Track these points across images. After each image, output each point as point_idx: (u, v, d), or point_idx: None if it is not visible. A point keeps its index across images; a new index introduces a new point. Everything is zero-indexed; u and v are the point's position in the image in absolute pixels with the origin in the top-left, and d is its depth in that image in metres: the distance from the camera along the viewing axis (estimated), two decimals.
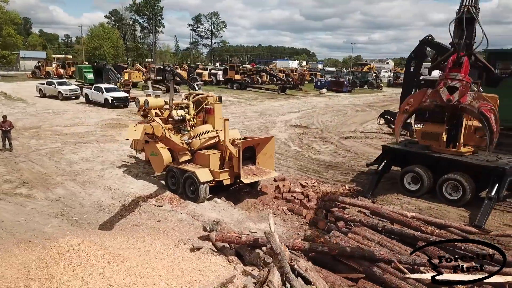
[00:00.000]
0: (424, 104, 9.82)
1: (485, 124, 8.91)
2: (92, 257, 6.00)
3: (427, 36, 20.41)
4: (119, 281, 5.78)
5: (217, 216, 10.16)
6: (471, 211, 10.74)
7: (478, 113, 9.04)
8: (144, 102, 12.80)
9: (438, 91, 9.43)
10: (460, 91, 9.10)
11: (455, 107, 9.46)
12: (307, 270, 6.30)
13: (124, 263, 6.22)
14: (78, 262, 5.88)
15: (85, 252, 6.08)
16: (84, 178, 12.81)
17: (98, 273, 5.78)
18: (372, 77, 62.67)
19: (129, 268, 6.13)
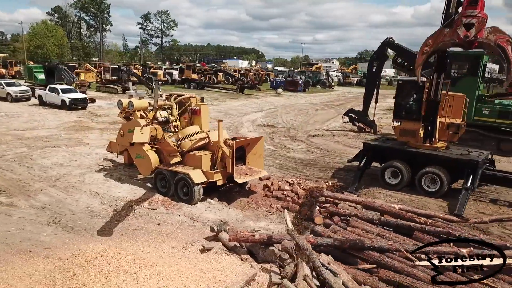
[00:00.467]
0: (442, 44, 10.29)
1: (503, 55, 9.37)
2: (123, 262, 5.92)
3: (387, 38, 21.71)
4: (153, 285, 5.77)
5: (214, 217, 10.24)
6: (449, 201, 11.63)
7: (495, 46, 9.49)
8: (128, 104, 12.50)
9: (455, 30, 9.89)
10: (476, 26, 9.54)
11: (472, 43, 9.82)
12: (329, 263, 6.62)
13: (155, 267, 6.19)
14: (110, 268, 5.78)
15: (115, 258, 5.98)
16: (65, 183, 12.30)
17: (132, 278, 5.72)
18: (324, 77, 64.64)
19: (159, 272, 6.11)
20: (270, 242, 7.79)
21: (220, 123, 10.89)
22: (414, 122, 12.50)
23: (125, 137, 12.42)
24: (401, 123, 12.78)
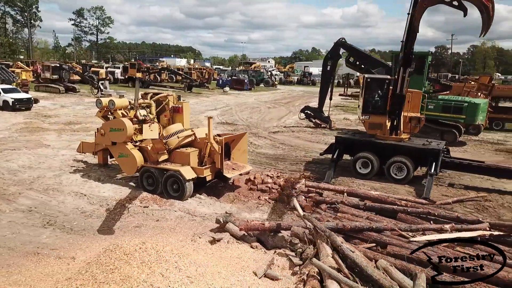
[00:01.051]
0: None
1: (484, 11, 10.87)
2: (163, 253, 6.15)
3: (340, 39, 23.09)
4: (193, 272, 6.08)
5: (209, 211, 10.56)
6: (414, 187, 12.97)
7: (479, 1, 10.87)
8: (108, 103, 12.34)
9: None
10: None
11: None
12: (343, 243, 7.32)
13: (190, 256, 6.48)
14: (151, 259, 5.99)
15: (154, 249, 6.18)
16: (42, 186, 11.89)
17: (174, 267, 5.98)
18: (267, 76, 66.11)
19: (195, 260, 6.42)
20: (279, 229, 8.34)
21: (210, 120, 11.21)
22: (381, 116, 13.68)
23: (107, 136, 12.26)
24: (369, 118, 13.90)
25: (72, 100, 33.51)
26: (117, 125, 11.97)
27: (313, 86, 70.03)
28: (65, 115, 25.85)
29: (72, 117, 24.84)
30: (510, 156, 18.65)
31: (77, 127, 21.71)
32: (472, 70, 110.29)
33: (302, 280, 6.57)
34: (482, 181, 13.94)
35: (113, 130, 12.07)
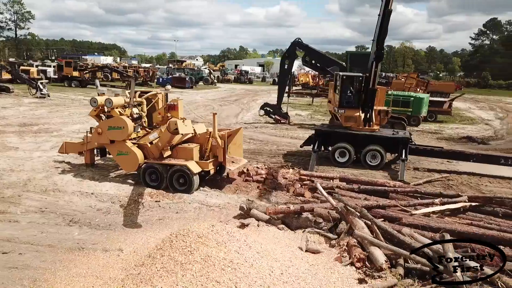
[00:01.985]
0: None
1: None
2: (233, 233, 6.82)
3: (297, 39, 24.57)
4: (259, 249, 6.84)
5: (220, 201, 11.17)
6: (388, 171, 14.68)
7: None
8: (105, 102, 12.35)
9: None
10: None
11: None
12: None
13: (250, 236, 7.21)
14: (224, 239, 6.62)
15: (226, 230, 6.82)
16: (38, 188, 11.63)
17: (245, 245, 6.70)
18: (206, 74, 66.40)
19: (256, 239, 7.17)
20: (303, 211, 9.29)
21: (215, 116, 11.81)
22: (355, 110, 15.21)
23: (105, 135, 12.28)
24: (345, 111, 15.36)
25: (10, 101, 31.36)
26: (117, 123, 12.08)
27: (251, 85, 71.85)
28: (12, 116, 24.34)
29: (22, 119, 23.51)
30: (450, 142, 21.41)
31: (35, 128, 20.71)
32: (394, 68, 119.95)
33: (344, 250, 7.62)
34: (438, 164, 16.10)
35: (112, 129, 12.14)
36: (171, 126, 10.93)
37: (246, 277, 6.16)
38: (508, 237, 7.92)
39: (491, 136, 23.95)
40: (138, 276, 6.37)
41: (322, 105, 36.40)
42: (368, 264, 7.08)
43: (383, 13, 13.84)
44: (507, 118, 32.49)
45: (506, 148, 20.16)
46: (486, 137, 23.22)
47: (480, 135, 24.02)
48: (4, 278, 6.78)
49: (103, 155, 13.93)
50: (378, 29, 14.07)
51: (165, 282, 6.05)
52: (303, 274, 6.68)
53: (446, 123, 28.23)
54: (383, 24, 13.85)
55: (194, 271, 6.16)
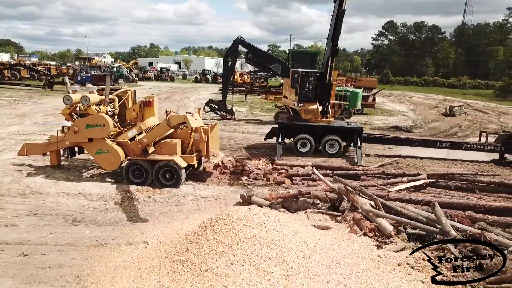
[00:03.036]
0: None
1: None
2: (268, 214, 7.48)
3: (239, 37, 25.41)
4: (290, 227, 7.61)
5: (209, 193, 11.57)
6: (345, 158, 16.23)
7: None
8: (81, 99, 11.96)
9: None
10: None
11: None
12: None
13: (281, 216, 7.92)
14: (263, 220, 7.24)
15: (262, 212, 7.44)
16: (12, 192, 10.95)
17: (280, 224, 7.41)
18: (127, 72, 63.97)
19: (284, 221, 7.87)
20: (300, 195, 10.17)
21: (200, 111, 12.15)
22: (313, 103, 16.50)
23: (82, 133, 11.92)
24: (304, 105, 16.56)
25: None
26: (96, 121, 11.82)
27: (173, 82, 70.86)
28: None
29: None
30: (382, 131, 23.92)
31: None
32: None
33: (353, 224, 8.68)
34: (381, 150, 18.14)
35: (90, 127, 11.84)
36: (172, 121, 11.07)
37: (289, 251, 6.88)
38: (466, 203, 9.80)
39: (412, 125, 27.16)
40: (188, 260, 6.73)
41: (255, 102, 37.62)
42: (378, 233, 8.22)
43: (337, 13, 15.24)
44: (418, 110, 36.81)
45: (427, 135, 23.16)
46: (409, 126, 26.30)
47: (403, 124, 27.10)
48: (44, 277, 6.65)
49: (73, 155, 13.41)
50: (333, 28, 15.45)
51: (219, 262, 6.52)
52: (330, 245, 7.59)
53: (371, 115, 31.21)
54: (337, 23, 15.26)
55: (244, 250, 6.73)
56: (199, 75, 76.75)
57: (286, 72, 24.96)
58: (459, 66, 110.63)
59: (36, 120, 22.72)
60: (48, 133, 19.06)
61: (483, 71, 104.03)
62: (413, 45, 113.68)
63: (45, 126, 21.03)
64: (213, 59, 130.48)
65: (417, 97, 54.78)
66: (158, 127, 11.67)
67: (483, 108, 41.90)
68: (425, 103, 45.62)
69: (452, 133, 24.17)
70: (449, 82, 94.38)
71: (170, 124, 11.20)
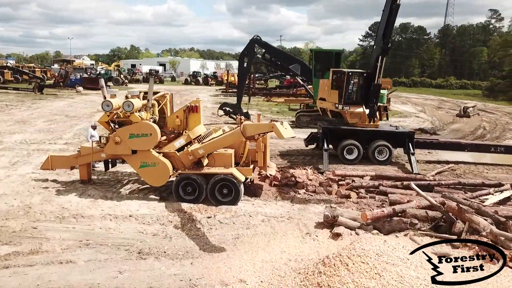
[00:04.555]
0: None
1: None
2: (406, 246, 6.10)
3: (255, 36, 23.91)
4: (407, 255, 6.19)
5: (272, 211, 10.10)
6: (396, 166, 14.96)
7: None
8: (124, 105, 10.29)
9: None
10: None
11: None
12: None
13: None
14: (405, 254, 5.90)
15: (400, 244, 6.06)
16: (49, 215, 9.26)
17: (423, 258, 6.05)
18: (116, 74, 61.59)
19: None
20: (395, 214, 8.80)
21: (259, 116, 10.67)
22: (361, 106, 15.18)
23: (125, 144, 10.26)
24: (350, 108, 15.22)
25: None
26: (142, 130, 10.20)
27: (163, 84, 68.61)
28: None
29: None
30: None
31: None
32: None
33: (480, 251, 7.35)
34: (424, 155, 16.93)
35: (135, 137, 10.21)
36: (249, 130, 9.53)
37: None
38: None
39: (433, 127, 26.18)
40: None
41: (259, 104, 36.13)
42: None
43: (390, 8, 13.96)
44: (428, 111, 36.03)
45: (458, 137, 22.18)
46: (433, 129, 25.27)
47: (426, 127, 26.06)
48: None
49: (107, 168, 11.73)
50: (385, 24, 14.18)
51: None
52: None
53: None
54: (390, 19, 13.99)
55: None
56: (189, 77, 74.64)
57: (306, 73, 23.68)
58: (444, 66, 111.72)
59: (39, 127, 20.68)
60: (58, 141, 17.33)
61: (468, 71, 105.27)
62: (399, 46, 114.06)
63: (52, 134, 19.07)
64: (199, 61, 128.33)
65: (413, 98, 54.26)
66: (225, 137, 10.13)
67: (486, 108, 41.52)
68: (427, 104, 45.03)
69: (480, 135, 23.28)
70: (436, 82, 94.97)
71: (246, 133, 9.65)
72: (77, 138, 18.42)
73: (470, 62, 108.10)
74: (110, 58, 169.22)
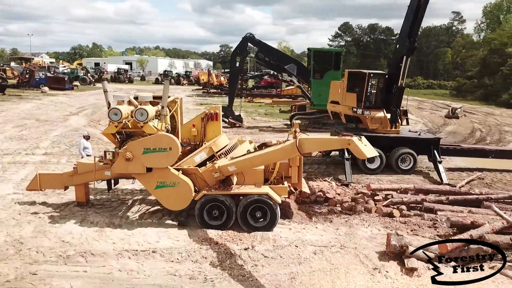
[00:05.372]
0: None
1: None
2: None
3: (248, 34, 22.39)
4: None
5: (314, 237, 8.60)
6: (421, 175, 13.84)
7: None
8: (136, 113, 8.46)
9: None
10: None
11: None
12: None
13: None
14: None
15: None
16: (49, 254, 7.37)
17: None
18: (83, 73, 58.11)
19: None
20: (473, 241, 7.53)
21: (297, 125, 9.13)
22: (382, 110, 13.95)
23: (136, 161, 8.43)
24: (371, 113, 13.94)
25: None
26: (160, 144, 8.42)
27: (132, 84, 65.64)
28: None
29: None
30: None
31: None
32: None
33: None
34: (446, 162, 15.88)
35: (150, 152, 8.41)
36: (307, 146, 7.91)
37: None
38: None
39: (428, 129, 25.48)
40: None
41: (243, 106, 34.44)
42: None
43: (417, 5, 12.79)
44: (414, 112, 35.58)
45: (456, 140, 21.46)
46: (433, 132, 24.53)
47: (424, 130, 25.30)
48: None
49: (110, 187, 9.85)
50: (411, 22, 13.00)
51: None
52: None
53: None
54: (417, 17, 12.83)
55: None
56: (160, 76, 71.75)
57: (303, 73, 22.34)
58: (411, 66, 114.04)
59: (9, 134, 18.18)
60: (36, 151, 15.14)
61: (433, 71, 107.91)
62: (368, 46, 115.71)
63: (26, 142, 16.70)
64: (166, 60, 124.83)
65: None
66: (270, 153, 8.45)
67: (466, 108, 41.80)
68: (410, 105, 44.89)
69: (480, 138, 22.73)
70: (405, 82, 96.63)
71: (303, 150, 7.98)
72: (57, 146, 16.21)
73: (435, 63, 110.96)
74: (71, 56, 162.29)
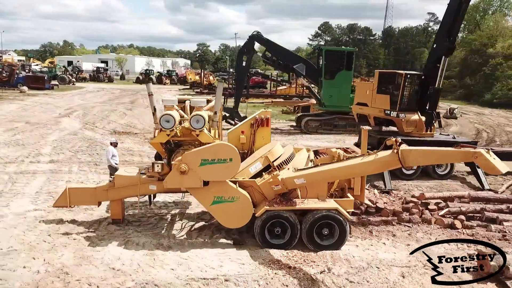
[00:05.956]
0: None
1: None
2: None
3: (255, 32, 21.53)
4: None
5: (392, 257, 7.81)
6: (458, 180, 13.31)
7: None
8: (191, 120, 7.42)
9: None
10: None
11: None
12: None
13: None
14: None
15: None
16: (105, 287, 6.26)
17: None
18: (62, 72, 55.54)
19: None
20: None
21: (365, 131, 8.32)
22: (415, 113, 13.32)
23: (192, 173, 7.39)
24: (406, 115, 13.28)
25: None
26: (219, 154, 7.39)
27: (112, 83, 63.42)
28: None
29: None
30: None
31: None
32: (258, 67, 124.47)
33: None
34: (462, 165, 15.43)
35: (208, 163, 7.38)
36: (414, 158, 7.03)
37: None
38: None
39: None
40: None
41: None
42: None
43: (459, 2, 12.18)
44: None
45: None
46: None
47: None
48: None
49: (151, 202, 8.78)
50: (451, 20, 12.40)
51: None
52: None
53: None
54: (459, 14, 12.25)
55: None
56: (141, 75, 69.59)
57: (312, 73, 21.57)
58: (389, 66, 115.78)
59: (3, 139, 16.58)
60: (40, 159, 13.78)
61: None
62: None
63: (24, 148, 15.21)
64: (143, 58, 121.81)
65: None
66: (359, 165, 7.52)
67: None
68: None
69: (489, 139, 22.58)
70: None
71: (407, 163, 7.11)
72: (61, 153, 14.82)
73: (412, 63, 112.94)
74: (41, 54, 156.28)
